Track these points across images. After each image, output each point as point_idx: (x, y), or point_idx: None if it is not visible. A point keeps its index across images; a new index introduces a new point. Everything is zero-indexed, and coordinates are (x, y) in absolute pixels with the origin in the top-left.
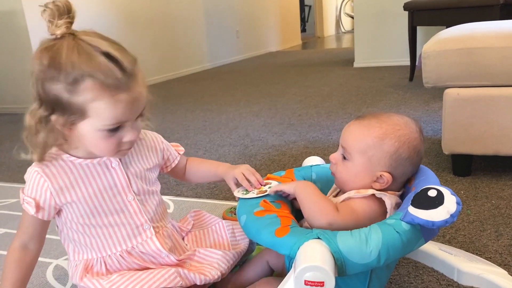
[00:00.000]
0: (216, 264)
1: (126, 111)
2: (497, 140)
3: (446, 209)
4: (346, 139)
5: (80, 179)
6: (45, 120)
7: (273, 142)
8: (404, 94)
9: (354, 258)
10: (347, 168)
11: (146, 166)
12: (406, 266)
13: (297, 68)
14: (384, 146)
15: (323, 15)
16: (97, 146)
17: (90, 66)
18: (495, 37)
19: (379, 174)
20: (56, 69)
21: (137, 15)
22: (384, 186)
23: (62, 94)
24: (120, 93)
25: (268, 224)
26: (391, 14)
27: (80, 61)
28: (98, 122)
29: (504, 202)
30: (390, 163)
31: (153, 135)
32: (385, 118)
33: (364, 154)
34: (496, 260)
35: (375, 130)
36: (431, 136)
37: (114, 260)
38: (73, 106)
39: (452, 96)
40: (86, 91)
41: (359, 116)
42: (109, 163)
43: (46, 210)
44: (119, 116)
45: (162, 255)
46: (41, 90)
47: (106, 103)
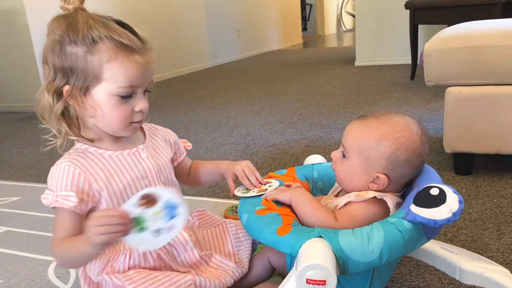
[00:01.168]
0: (231, 272)
1: (139, 75)
2: (499, 139)
3: (448, 207)
4: (346, 138)
5: (113, 171)
6: (60, 92)
7: (274, 141)
8: (405, 93)
9: (356, 257)
10: (345, 166)
11: (167, 157)
12: (408, 265)
13: (298, 67)
14: (381, 147)
15: (324, 14)
16: (111, 114)
17: (106, 29)
18: (497, 35)
19: (376, 175)
20: (74, 32)
21: (138, 13)
22: (381, 187)
23: (79, 56)
24: (135, 54)
25: (270, 223)
26: (393, 13)
27: (96, 25)
28: (112, 85)
29: (506, 201)
30: (386, 165)
31: (164, 129)
32: (385, 119)
33: (361, 154)
34: (498, 259)
35: (373, 131)
36: (433, 134)
37: (141, 253)
38: (88, 68)
39: (454, 95)
40: (103, 51)
41: (362, 115)
42: (138, 155)
43: (84, 201)
44: (132, 78)
45: (187, 247)
46: (57, 58)
47: (121, 63)
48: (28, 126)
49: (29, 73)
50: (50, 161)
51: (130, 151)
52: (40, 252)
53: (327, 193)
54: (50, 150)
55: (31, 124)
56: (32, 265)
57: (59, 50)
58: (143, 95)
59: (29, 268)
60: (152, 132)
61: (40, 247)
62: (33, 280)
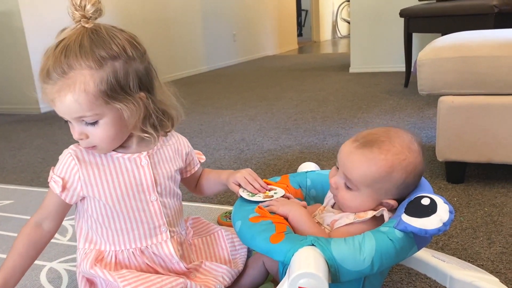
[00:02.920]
0: (221, 278)
1: (53, 105)
2: (491, 148)
3: (439, 217)
4: (350, 171)
5: (109, 171)
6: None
7: (268, 147)
8: (399, 100)
9: (348, 265)
10: (352, 196)
11: (173, 168)
12: (399, 273)
13: (293, 72)
14: (392, 179)
15: (319, 20)
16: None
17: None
18: (489, 46)
19: (386, 201)
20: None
21: (134, 18)
22: (388, 209)
23: None
24: (44, 85)
25: (263, 231)
26: (387, 20)
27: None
28: None
29: (497, 210)
30: (397, 192)
31: (180, 138)
32: (388, 146)
33: (370, 186)
34: (488, 267)
35: (381, 164)
36: (426, 142)
37: (125, 256)
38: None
39: (447, 104)
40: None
41: (359, 141)
42: (138, 161)
43: (70, 192)
44: (53, 106)
45: (173, 260)
46: None
47: (42, 93)
48: (21, 128)
49: (24, 75)
50: (43, 164)
51: (132, 155)
52: None
53: (320, 200)
54: (44, 153)
55: (24, 127)
56: None
57: None
58: (80, 124)
59: None
60: (168, 141)
61: None
62: (25, 285)
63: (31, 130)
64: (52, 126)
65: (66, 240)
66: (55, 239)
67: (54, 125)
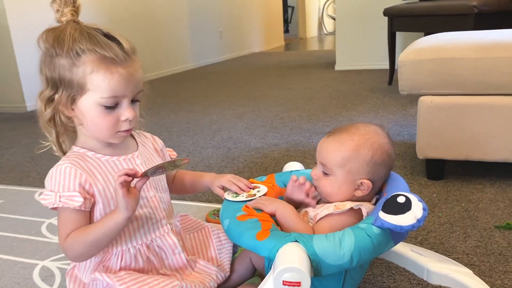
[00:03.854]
0: (215, 276)
1: (121, 85)
2: (468, 146)
3: (413, 214)
4: (324, 156)
5: (110, 175)
6: (51, 100)
7: (255, 145)
8: (383, 98)
9: (328, 260)
10: (330, 182)
11: (159, 162)
12: (380, 267)
13: (280, 70)
14: (360, 156)
15: (305, 17)
16: (97, 124)
17: (91, 42)
18: (467, 48)
19: (360, 182)
20: (60, 45)
21: (120, 14)
22: (366, 192)
23: (65, 68)
24: (117, 66)
25: (250, 228)
26: (372, 18)
27: (81, 38)
28: (96, 95)
29: (473, 205)
30: (368, 170)
31: (152, 136)
32: (354, 130)
33: (343, 167)
34: (463, 260)
35: (348, 143)
36: (407, 140)
37: (132, 254)
38: (74, 79)
39: (426, 104)
40: (86, 64)
41: (329, 132)
42: (133, 161)
43: (88, 200)
44: (115, 89)
45: (176, 251)
46: (48, 69)
47: (103, 75)
48: (9, 128)
49: (9, 74)
50: (31, 163)
51: (126, 157)
52: (24, 256)
53: None
54: (32, 153)
55: (11, 126)
56: (17, 268)
57: (49, 61)
58: (130, 104)
59: (13, 272)
60: (142, 140)
61: (24, 251)
62: (18, 283)
63: (18, 129)
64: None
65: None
66: (47, 238)
67: None
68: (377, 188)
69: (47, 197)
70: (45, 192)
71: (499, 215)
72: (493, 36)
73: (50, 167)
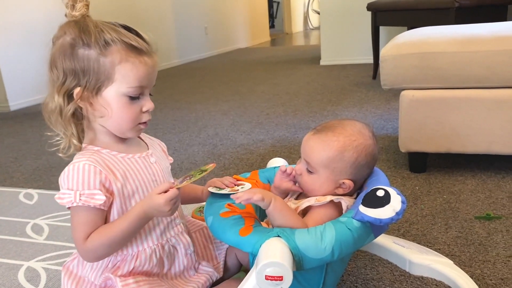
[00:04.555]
0: (210, 277)
1: (147, 75)
2: (449, 139)
3: (392, 207)
4: (309, 155)
5: (128, 172)
6: (70, 94)
7: (241, 141)
8: (367, 92)
9: (310, 254)
10: (312, 179)
11: (168, 164)
12: (363, 259)
13: (265, 65)
14: (345, 158)
15: (291, 11)
16: (121, 115)
17: (116, 32)
18: (446, 43)
19: (342, 182)
20: (87, 35)
21: (102, 11)
22: (347, 191)
23: (92, 58)
24: (144, 56)
25: (233, 224)
26: (356, 13)
27: (106, 29)
28: (123, 85)
29: (454, 197)
30: (351, 171)
31: (157, 139)
32: (340, 130)
33: (327, 167)
34: (444, 251)
35: (334, 144)
36: (391, 133)
37: (148, 255)
38: (101, 70)
39: (408, 98)
40: (114, 53)
41: (316, 129)
42: (148, 159)
43: (108, 198)
44: (141, 78)
45: (188, 251)
46: (68, 61)
47: (132, 64)
48: None
49: None
50: (15, 164)
51: (141, 155)
52: (9, 257)
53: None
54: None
55: None
56: (2, 269)
57: (70, 53)
58: (148, 95)
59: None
60: (150, 141)
61: (9, 252)
62: (3, 285)
63: (1, 129)
64: (22, 124)
65: (42, 239)
66: (32, 238)
67: (24, 123)
68: (358, 185)
69: (65, 196)
70: (62, 190)
71: (479, 206)
72: (472, 30)
73: (34, 167)
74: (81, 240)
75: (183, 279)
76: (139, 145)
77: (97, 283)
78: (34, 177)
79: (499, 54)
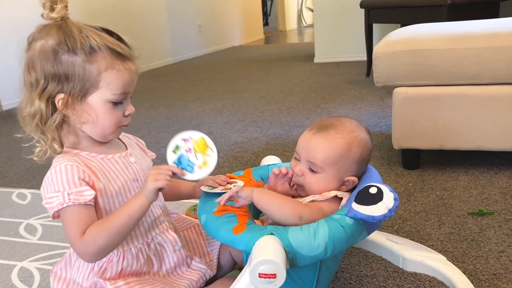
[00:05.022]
0: (203, 275)
1: (131, 82)
2: (442, 136)
3: (384, 205)
4: (314, 154)
5: (109, 173)
6: (52, 99)
7: (235, 139)
8: (361, 90)
9: (303, 251)
10: (317, 179)
11: (148, 162)
12: (357, 256)
13: (260, 63)
14: (351, 154)
15: (285, 9)
16: (105, 120)
17: (100, 38)
18: (438, 40)
19: (346, 179)
20: (72, 41)
21: (95, 9)
22: (350, 187)
23: (77, 65)
24: (128, 62)
25: (226, 223)
26: (349, 10)
27: (91, 34)
28: (107, 92)
29: (447, 193)
30: (355, 167)
31: (134, 137)
32: (341, 127)
33: (335, 165)
34: (438, 247)
35: (340, 142)
36: (385, 130)
37: (134, 254)
38: (86, 77)
39: (401, 95)
40: (100, 60)
41: (314, 128)
42: (127, 159)
43: (93, 196)
44: (126, 85)
45: (176, 247)
46: (50, 66)
47: (117, 72)
48: None
49: None
50: (8, 163)
51: (121, 154)
52: (2, 257)
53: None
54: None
55: None
56: None
57: (53, 58)
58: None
59: None
60: (128, 140)
61: (2, 252)
62: None
63: None
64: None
65: (36, 239)
66: (25, 238)
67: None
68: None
69: (53, 199)
70: (49, 195)
71: (472, 202)
72: (464, 27)
73: (27, 167)
74: (77, 236)
75: (175, 276)
76: (117, 146)
77: (85, 285)
78: (27, 177)
79: (491, 51)
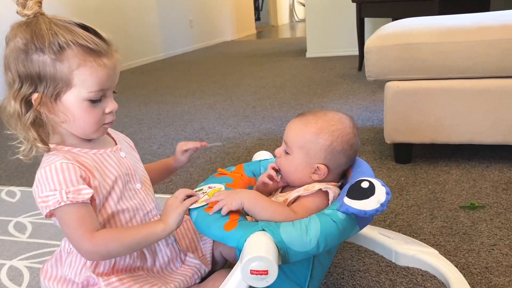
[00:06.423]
0: (196, 269)
1: (107, 78)
2: (433, 130)
3: (376, 199)
4: (287, 135)
5: (104, 167)
6: (28, 99)
7: (227, 135)
8: (352, 84)
9: (295, 247)
10: (288, 161)
11: (136, 157)
12: (350, 250)
13: (251, 58)
14: (320, 140)
15: (276, 4)
16: (84, 119)
17: (71, 34)
18: (429, 33)
19: (316, 166)
20: (40, 40)
21: (87, 5)
22: (322, 177)
23: (47, 64)
24: (102, 58)
25: (217, 219)
26: (341, 5)
27: (61, 31)
28: (83, 90)
29: (439, 187)
30: (325, 156)
31: (120, 133)
32: (321, 115)
33: (302, 148)
34: (430, 241)
35: (311, 126)
36: (376, 125)
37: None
38: (58, 76)
39: (393, 89)
40: (71, 58)
41: (300, 113)
42: (118, 153)
43: (91, 194)
44: (101, 81)
45: (169, 241)
46: (22, 66)
47: (90, 68)
48: None
49: None
50: None
51: (112, 149)
52: None
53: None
54: None
55: None
56: None
57: (24, 58)
58: (112, 95)
59: None
60: (116, 136)
61: None
62: None
63: None
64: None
65: (25, 238)
66: (14, 237)
67: None
68: (336, 174)
69: (50, 198)
70: (44, 193)
71: (464, 196)
72: (455, 21)
73: (17, 164)
74: (87, 235)
75: (169, 271)
76: (107, 140)
77: (77, 281)
78: (16, 174)
79: (482, 45)
